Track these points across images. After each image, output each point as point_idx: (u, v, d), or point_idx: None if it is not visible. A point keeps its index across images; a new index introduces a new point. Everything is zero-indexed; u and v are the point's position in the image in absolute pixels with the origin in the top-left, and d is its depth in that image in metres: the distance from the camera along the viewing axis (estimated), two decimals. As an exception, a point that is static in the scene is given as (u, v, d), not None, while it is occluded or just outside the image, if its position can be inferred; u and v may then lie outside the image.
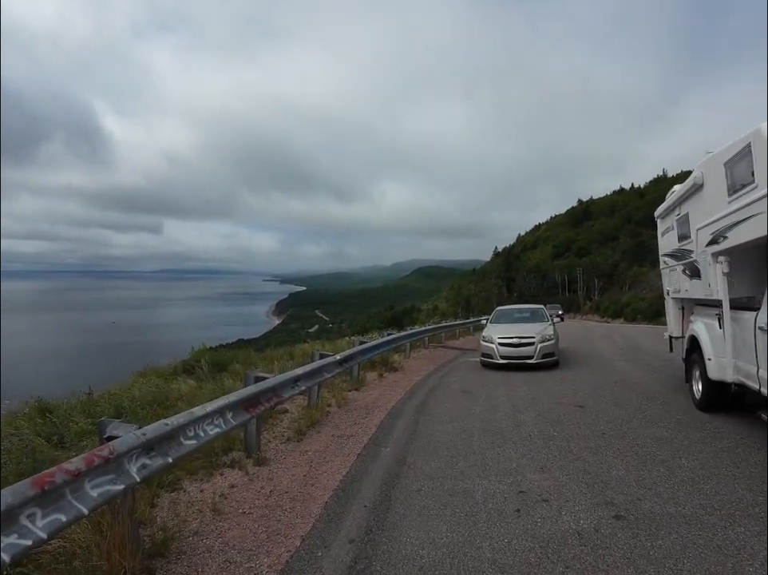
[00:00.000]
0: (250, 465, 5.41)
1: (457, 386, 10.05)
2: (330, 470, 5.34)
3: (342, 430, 6.94)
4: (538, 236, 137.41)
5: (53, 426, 6.58)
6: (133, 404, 7.16)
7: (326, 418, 7.53)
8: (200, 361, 11.15)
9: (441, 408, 8.13)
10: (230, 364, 11.36)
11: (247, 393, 4.95)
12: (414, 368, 12.81)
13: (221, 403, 4.31)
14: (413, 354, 15.15)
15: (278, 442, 6.28)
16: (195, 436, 3.89)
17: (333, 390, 9.33)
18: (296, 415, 7.50)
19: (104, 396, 8.51)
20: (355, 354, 9.39)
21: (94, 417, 6.81)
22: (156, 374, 11.02)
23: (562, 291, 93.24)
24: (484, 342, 12.46)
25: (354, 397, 9.08)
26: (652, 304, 61.81)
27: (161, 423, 3.51)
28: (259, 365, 11.51)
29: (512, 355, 11.83)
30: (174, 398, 7.79)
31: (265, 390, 5.34)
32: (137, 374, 11.35)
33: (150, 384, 9.37)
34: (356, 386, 9.68)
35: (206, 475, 5.09)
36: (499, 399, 8.67)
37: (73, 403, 7.64)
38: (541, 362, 11.76)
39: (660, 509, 4.07)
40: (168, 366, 11.80)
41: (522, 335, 11.92)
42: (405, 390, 9.90)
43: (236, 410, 4.69)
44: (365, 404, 8.54)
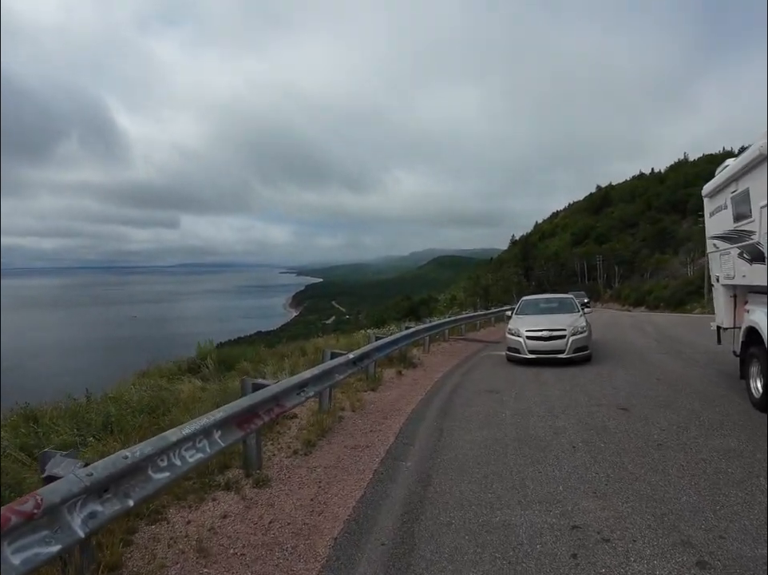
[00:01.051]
0: (248, 486, 4.64)
1: (482, 385, 9.19)
2: (341, 493, 4.54)
3: (357, 439, 6.14)
4: (556, 224, 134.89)
5: (37, 437, 5.91)
6: (123, 411, 6.45)
7: (339, 424, 6.74)
8: (206, 359, 10.46)
9: (468, 411, 7.28)
10: (237, 362, 10.65)
11: (241, 406, 4.16)
12: (435, 364, 11.96)
13: (204, 423, 3.53)
14: (433, 348, 14.29)
15: (283, 456, 5.50)
16: (168, 466, 3.13)
17: (347, 390, 8.54)
18: (305, 421, 6.73)
19: (101, 400, 7.85)
20: (371, 351, 8.57)
21: (81, 426, 6.18)
22: (160, 374, 10.35)
23: (581, 280, 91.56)
24: (510, 335, 11.54)
25: (371, 398, 8.27)
26: (675, 292, 60.28)
27: (119, 456, 2.75)
28: (268, 362, 10.78)
29: (542, 349, 10.91)
30: (171, 403, 7.07)
31: (264, 401, 4.56)
32: (139, 373, 10.69)
33: (149, 386, 8.69)
34: (372, 386, 8.87)
35: (196, 500, 4.33)
36: (531, 400, 7.80)
37: (62, 410, 6.96)
38: (573, 357, 10.83)
39: (751, 552, 3.21)
40: (173, 365, 11.11)
41: (552, 328, 10.98)
42: (425, 389, 9.07)
43: (226, 429, 3.92)
44: (382, 407, 7.73)
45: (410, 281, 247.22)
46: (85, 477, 2.48)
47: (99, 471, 2.58)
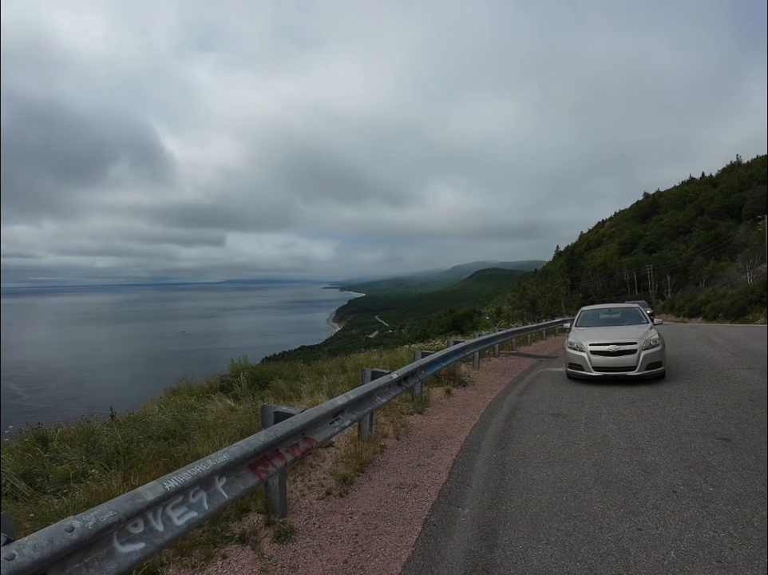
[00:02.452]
0: (268, 539, 3.75)
1: (544, 407, 8.06)
2: (383, 553, 3.59)
3: (403, 475, 5.17)
4: (602, 233, 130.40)
5: (41, 464, 5.27)
6: (138, 436, 5.73)
7: (381, 455, 5.78)
8: (239, 376, 9.74)
9: (531, 441, 6.20)
10: (272, 380, 9.88)
11: (255, 445, 3.27)
12: (487, 382, 10.85)
13: (199, 471, 2.65)
14: (483, 364, 13.17)
15: (313, 497, 4.59)
16: (145, 533, 2.27)
17: (390, 412, 7.60)
18: (342, 451, 5.82)
19: (123, 420, 7.21)
20: (417, 369, 7.57)
21: (91, 451, 5.52)
22: (190, 392, 9.69)
23: (631, 290, 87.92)
24: (570, 349, 10.32)
25: (417, 423, 7.28)
26: (735, 301, 56.59)
27: (60, 528, 1.90)
28: (305, 380, 9.97)
29: (609, 366, 9.66)
30: (193, 427, 6.30)
31: (287, 436, 3.67)
32: (170, 391, 10.07)
33: (176, 406, 8.02)
34: (419, 408, 7.87)
35: (202, 557, 3.46)
36: (606, 427, 6.64)
37: (75, 432, 6.31)
38: (645, 374, 9.53)
39: None
40: (205, 382, 10.45)
41: (621, 341, 9.70)
42: (479, 412, 8.01)
43: (234, 474, 3.05)
44: (430, 433, 6.73)
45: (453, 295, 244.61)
46: (8, 561, 1.65)
47: (27, 552, 1.75)
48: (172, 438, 5.95)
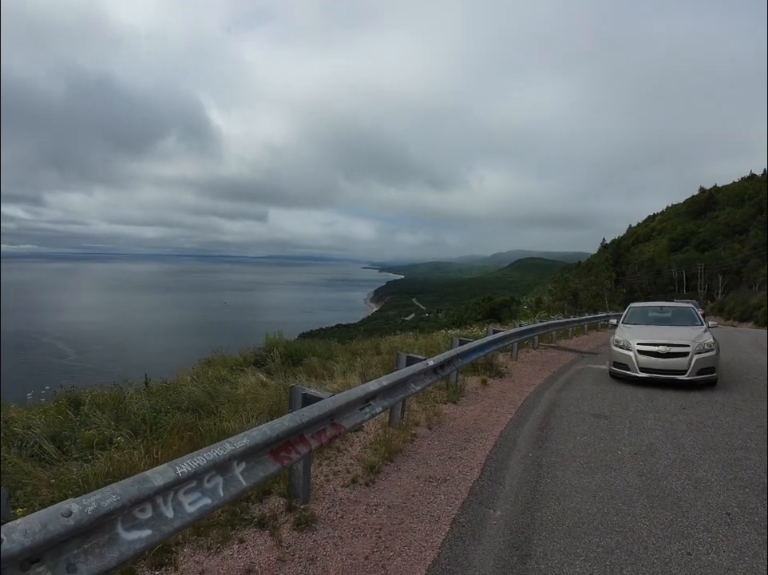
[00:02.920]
0: (288, 526, 3.59)
1: (585, 406, 7.66)
2: (407, 552, 3.38)
3: (433, 467, 4.94)
4: (652, 228, 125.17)
5: (71, 427, 5.28)
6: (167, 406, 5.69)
7: (411, 444, 5.56)
8: (273, 351, 9.68)
9: (571, 442, 5.86)
10: (305, 357, 9.78)
11: (279, 430, 3.08)
12: (525, 374, 10.47)
13: (217, 455, 2.48)
14: (521, 356, 12.76)
15: (338, 484, 4.42)
16: (152, 520, 2.10)
17: (423, 400, 7.37)
18: (371, 437, 5.63)
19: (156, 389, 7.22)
20: (454, 357, 7.27)
21: (120, 418, 5.51)
22: (224, 364, 9.70)
23: (678, 289, 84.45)
24: (616, 347, 9.80)
25: (450, 412, 7.03)
26: (792, 309, 53.59)
27: (57, 512, 1.74)
28: (338, 359, 9.84)
29: (657, 368, 9.12)
30: (222, 400, 6.22)
31: (314, 421, 3.47)
32: (204, 362, 10.11)
33: (209, 377, 8.00)
34: (453, 397, 7.61)
35: (218, 539, 3.34)
36: (652, 434, 6.22)
37: (107, 397, 6.34)
38: (696, 380, 8.96)
39: None
40: (239, 355, 10.45)
41: (672, 342, 9.13)
42: (515, 406, 7.69)
43: (254, 460, 2.87)
44: (464, 425, 6.46)
45: (492, 282, 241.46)
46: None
47: (16, 537, 1.59)
48: (200, 410, 5.89)
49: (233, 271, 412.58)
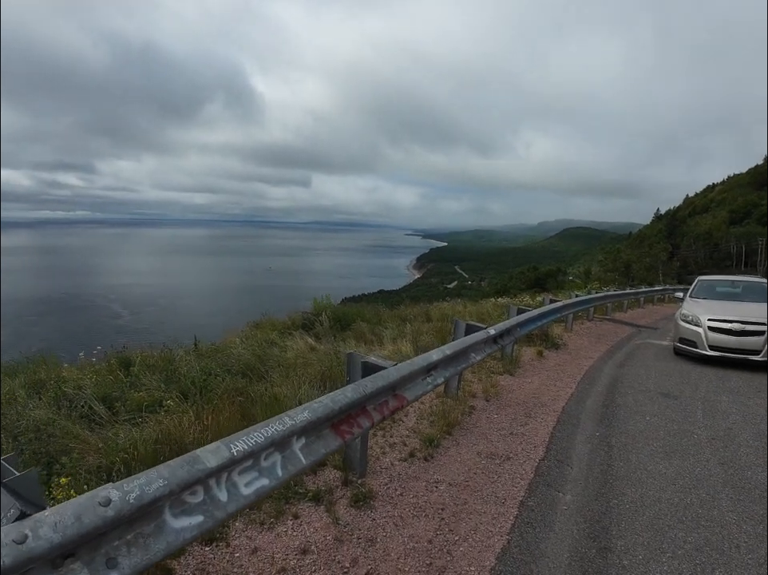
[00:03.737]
0: (344, 502, 3.37)
1: (651, 385, 7.14)
2: (473, 537, 3.10)
3: (494, 443, 4.63)
4: (711, 198, 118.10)
5: (121, 388, 5.21)
6: (217, 370, 5.55)
7: (469, 418, 5.26)
8: (321, 315, 9.50)
9: (641, 423, 5.42)
10: (354, 322, 9.56)
11: (342, 402, 2.80)
12: (581, 347, 9.96)
13: (275, 431, 2.22)
14: (576, 327, 12.19)
15: (395, 457, 4.17)
16: (203, 504, 1.86)
17: (478, 370, 7.03)
18: (427, 408, 5.35)
19: (205, 351, 7.16)
20: (513, 327, 6.85)
21: (170, 380, 5.41)
22: (272, 327, 9.61)
23: (737, 264, 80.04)
24: (683, 323, 9.12)
25: (508, 384, 6.67)
26: None
27: (93, 501, 1.50)
28: (387, 325, 9.58)
29: (729, 346, 8.44)
30: (272, 364, 6.05)
31: (377, 392, 3.18)
32: (253, 325, 10.05)
33: (258, 340, 7.89)
34: (509, 369, 7.23)
35: (272, 514, 3.15)
36: (729, 418, 5.70)
37: (157, 359, 6.28)
38: (772, 362, 8.27)
39: None
40: (287, 319, 10.34)
41: (746, 320, 8.41)
42: (575, 380, 7.25)
43: (314, 435, 2.61)
44: (523, 398, 6.10)
45: (537, 251, 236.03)
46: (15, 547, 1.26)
47: (44, 533, 1.36)
48: (250, 373, 5.74)
49: (277, 237, 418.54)
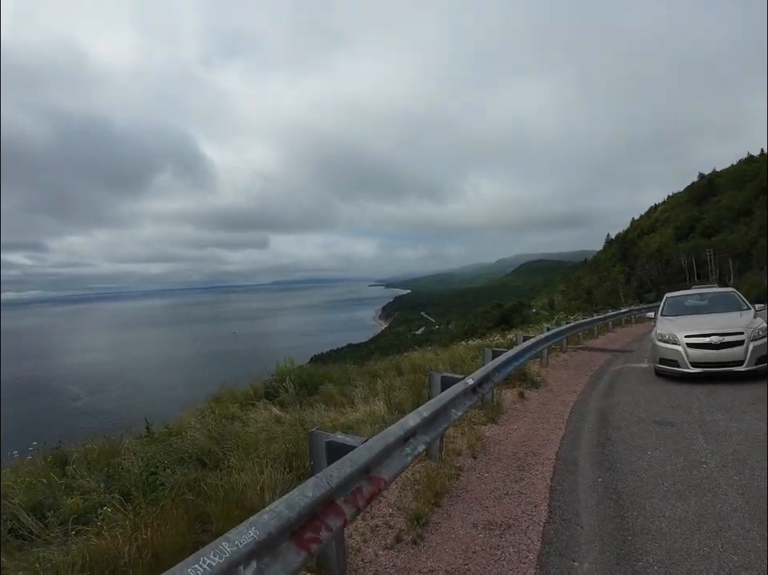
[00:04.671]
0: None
1: (642, 413, 6.75)
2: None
3: (489, 509, 4.06)
4: (656, 218, 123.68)
5: (54, 492, 4.47)
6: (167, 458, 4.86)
7: (458, 481, 4.68)
8: (285, 380, 8.84)
9: (643, 459, 4.96)
10: (321, 384, 8.94)
11: (301, 505, 2.18)
12: (561, 381, 9.56)
13: (209, 566, 1.65)
14: (552, 361, 11.85)
15: (379, 545, 3.55)
16: None
17: (460, 423, 6.49)
18: (409, 475, 4.76)
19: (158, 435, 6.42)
20: (491, 372, 6.36)
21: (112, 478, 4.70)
22: (233, 399, 8.88)
23: (690, 277, 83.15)
24: (660, 343, 8.89)
25: (493, 435, 6.13)
26: (808, 285, 52.35)
27: None
28: (357, 383, 8.99)
29: (711, 361, 8.20)
30: (231, 445, 5.38)
31: (345, 481, 2.61)
32: (212, 399, 9.29)
33: (216, 416, 7.18)
34: (492, 416, 6.72)
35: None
36: (732, 439, 5.32)
37: (97, 453, 5.52)
38: (757, 370, 8.05)
39: None
40: (250, 387, 9.61)
41: (724, 331, 8.24)
42: (562, 419, 6.79)
43: (268, 555, 2.03)
44: (512, 449, 5.58)
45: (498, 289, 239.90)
46: None
47: None
48: (206, 458, 5.06)
49: (239, 300, 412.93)
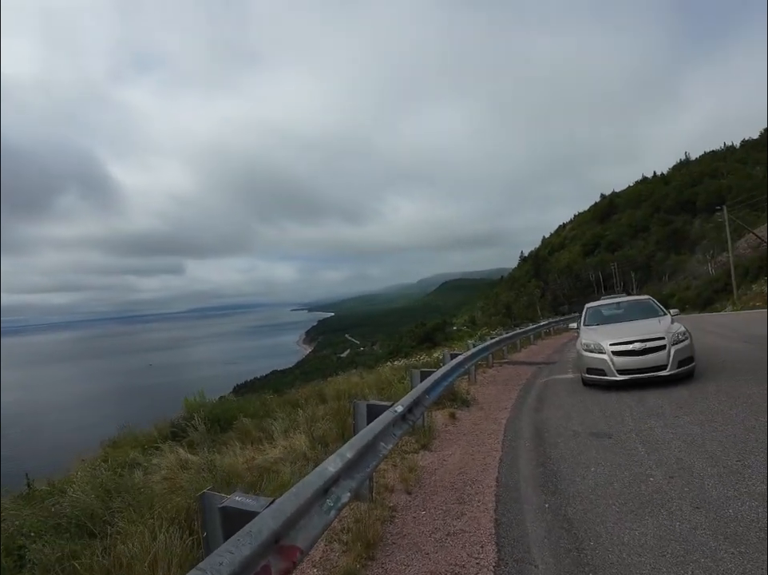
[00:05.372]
0: None
1: (577, 426, 6.50)
2: None
3: (431, 556, 3.49)
4: (564, 236, 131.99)
5: None
6: (47, 526, 3.93)
7: (392, 525, 4.07)
8: (194, 418, 7.89)
9: (588, 478, 4.61)
10: (235, 419, 8.07)
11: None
12: (491, 398, 9.27)
13: None
14: (479, 377, 11.62)
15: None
16: None
17: (391, 453, 5.93)
18: (336, 524, 4.11)
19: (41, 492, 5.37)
20: (421, 396, 5.79)
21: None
22: (134, 442, 7.81)
23: (598, 289, 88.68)
24: (586, 352, 8.83)
25: (427, 464, 5.61)
26: (702, 292, 56.94)
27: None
28: (277, 415, 8.22)
29: (636, 367, 8.20)
30: (121, 504, 4.48)
31: (246, 563, 1.96)
32: (109, 444, 8.15)
33: (111, 465, 6.17)
34: (424, 442, 6.21)
35: None
36: (672, 446, 5.11)
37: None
38: (678, 373, 8.12)
39: None
40: (155, 429, 8.53)
41: (646, 337, 8.28)
42: (497, 439, 6.40)
43: None
44: (449, 479, 5.07)
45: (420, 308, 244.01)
46: None
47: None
48: (90, 524, 4.15)
49: (155, 330, 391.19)
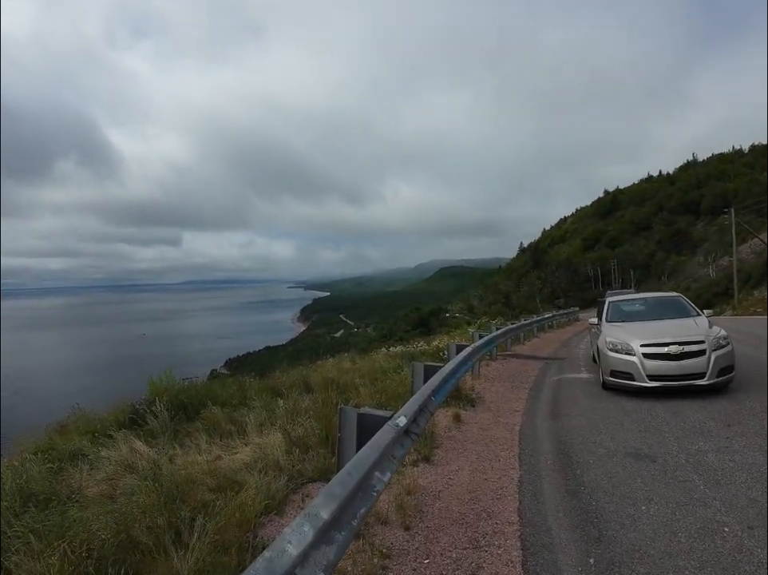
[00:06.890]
0: None
1: (608, 442, 5.42)
2: None
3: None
4: (565, 230, 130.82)
5: None
6: None
7: (389, 561, 3.03)
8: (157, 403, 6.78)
9: (638, 520, 3.52)
10: (204, 406, 6.97)
11: None
12: (499, 397, 8.20)
13: None
14: (483, 370, 10.55)
15: None
16: None
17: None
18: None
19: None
20: (427, 400, 4.58)
21: None
22: (85, 430, 6.71)
23: (595, 285, 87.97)
24: (612, 352, 7.72)
25: (429, 483, 4.52)
26: (701, 294, 55.95)
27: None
28: (254, 404, 7.14)
29: (670, 373, 7.11)
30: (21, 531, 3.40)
31: None
32: (56, 428, 7.06)
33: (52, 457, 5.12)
34: (424, 452, 5.14)
35: None
36: (734, 477, 4.04)
37: None
38: (717, 383, 7.06)
39: None
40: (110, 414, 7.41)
41: (684, 340, 7.19)
42: (512, 452, 5.33)
43: None
44: (457, 507, 3.98)
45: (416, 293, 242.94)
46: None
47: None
48: None
49: (149, 300, 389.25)
